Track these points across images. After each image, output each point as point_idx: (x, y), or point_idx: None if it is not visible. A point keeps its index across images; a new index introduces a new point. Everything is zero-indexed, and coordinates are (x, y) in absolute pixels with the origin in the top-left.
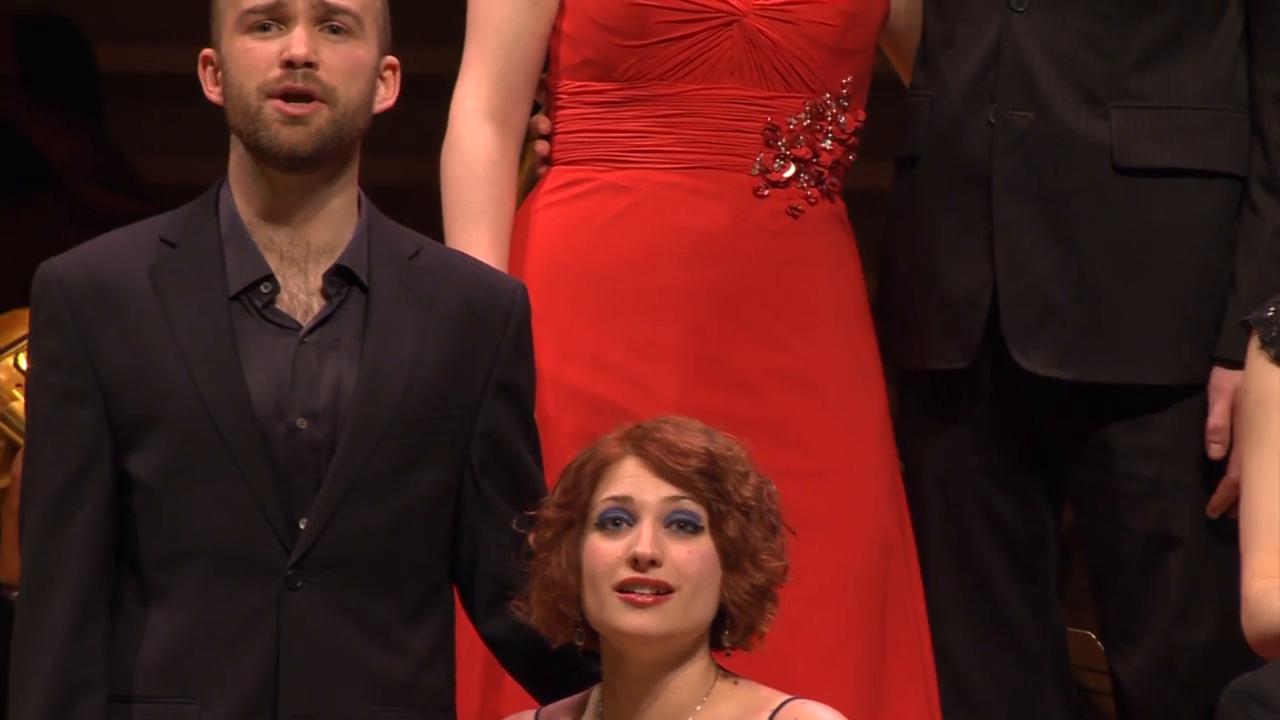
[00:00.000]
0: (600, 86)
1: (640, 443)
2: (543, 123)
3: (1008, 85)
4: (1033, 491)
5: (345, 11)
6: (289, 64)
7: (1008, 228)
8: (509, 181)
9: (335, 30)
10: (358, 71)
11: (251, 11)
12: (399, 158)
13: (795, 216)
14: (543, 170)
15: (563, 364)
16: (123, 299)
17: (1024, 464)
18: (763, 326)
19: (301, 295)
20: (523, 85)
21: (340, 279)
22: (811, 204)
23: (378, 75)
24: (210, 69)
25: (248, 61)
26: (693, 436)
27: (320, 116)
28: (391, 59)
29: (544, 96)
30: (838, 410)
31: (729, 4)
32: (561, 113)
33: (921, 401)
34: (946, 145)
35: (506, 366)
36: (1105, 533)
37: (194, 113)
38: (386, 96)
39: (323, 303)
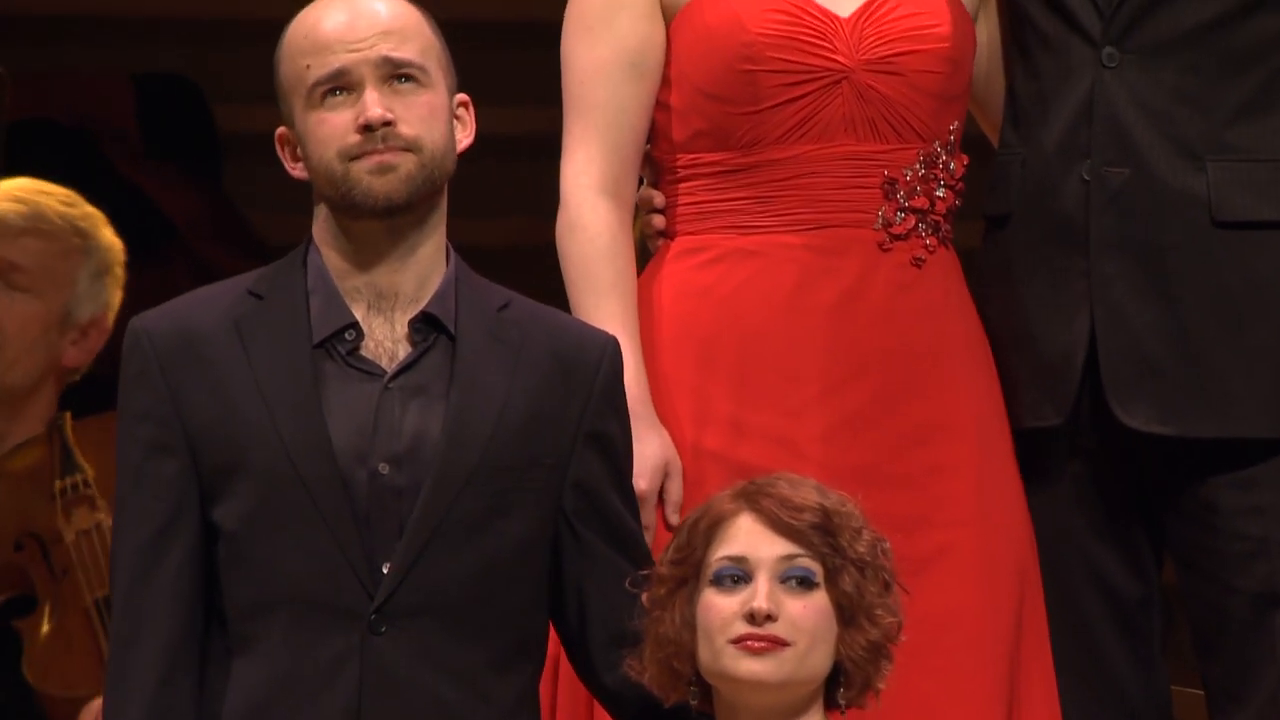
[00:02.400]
0: (715, 157)
1: (755, 499)
2: (656, 197)
3: (1102, 142)
4: (1137, 548)
5: (409, 64)
6: (367, 128)
7: (1106, 284)
8: (631, 253)
9: (404, 81)
10: (434, 117)
11: (318, 84)
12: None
13: (919, 267)
14: (659, 242)
15: (701, 429)
16: (209, 350)
17: (1127, 521)
18: (902, 379)
19: (387, 342)
20: (633, 158)
21: (427, 326)
22: (931, 253)
23: (453, 116)
24: (289, 148)
25: (324, 132)
26: (807, 492)
27: (409, 161)
28: (463, 95)
29: (648, 170)
30: (977, 459)
31: (836, 61)
32: (678, 186)
33: (1020, 461)
34: (1040, 203)
35: (597, 417)
36: (1211, 592)
37: None
38: (466, 135)
39: (408, 349)
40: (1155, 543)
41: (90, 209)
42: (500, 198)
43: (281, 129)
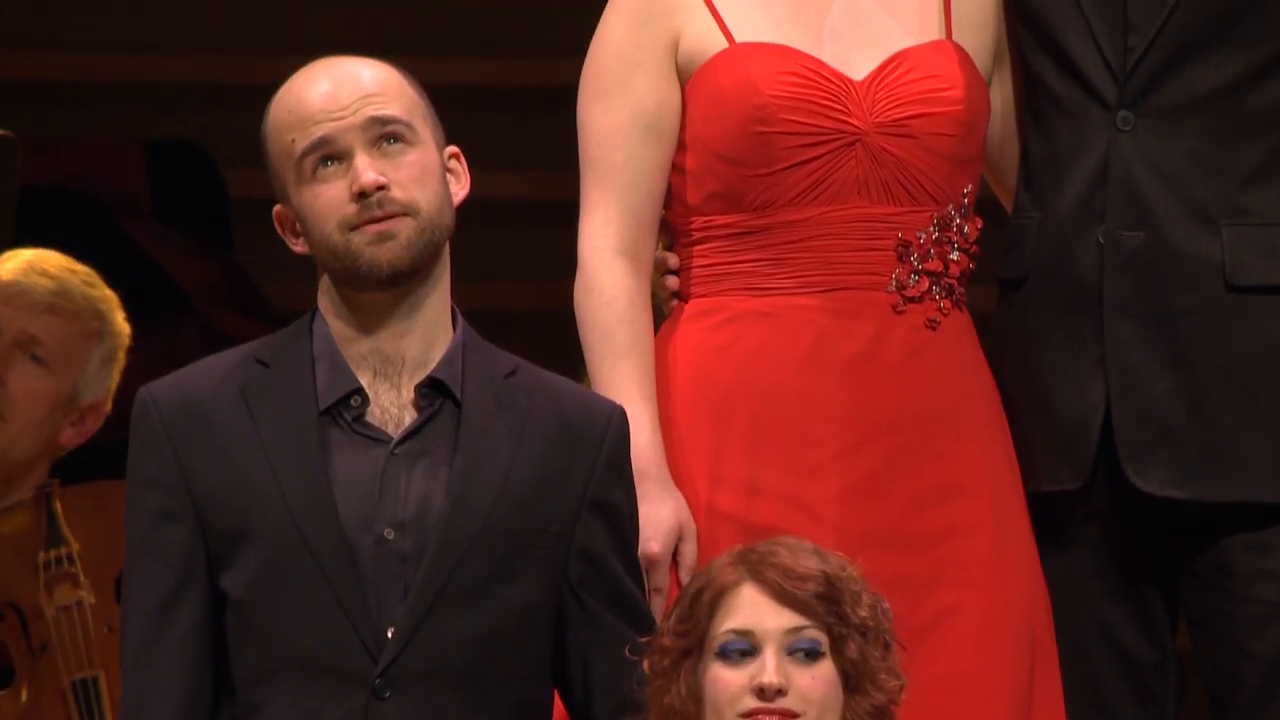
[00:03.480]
0: (729, 219)
1: (757, 568)
2: (670, 259)
3: (1116, 205)
4: (1151, 612)
5: (395, 121)
6: (361, 195)
7: (1121, 348)
8: (648, 316)
9: (392, 142)
10: (427, 175)
11: (306, 155)
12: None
13: (933, 329)
14: (673, 304)
15: (716, 490)
16: (215, 418)
17: (1142, 585)
18: (917, 441)
19: (393, 409)
20: (651, 221)
21: (433, 391)
22: (945, 315)
23: (445, 170)
24: (287, 225)
25: (320, 206)
26: (807, 559)
27: (407, 227)
28: (453, 148)
29: (663, 233)
30: (991, 522)
31: (850, 124)
32: (693, 248)
33: (1035, 524)
34: (1055, 267)
35: (602, 485)
36: (1226, 657)
37: None
38: (460, 187)
39: (414, 415)
40: (1169, 607)
41: (108, 291)
42: (507, 261)
43: (278, 207)
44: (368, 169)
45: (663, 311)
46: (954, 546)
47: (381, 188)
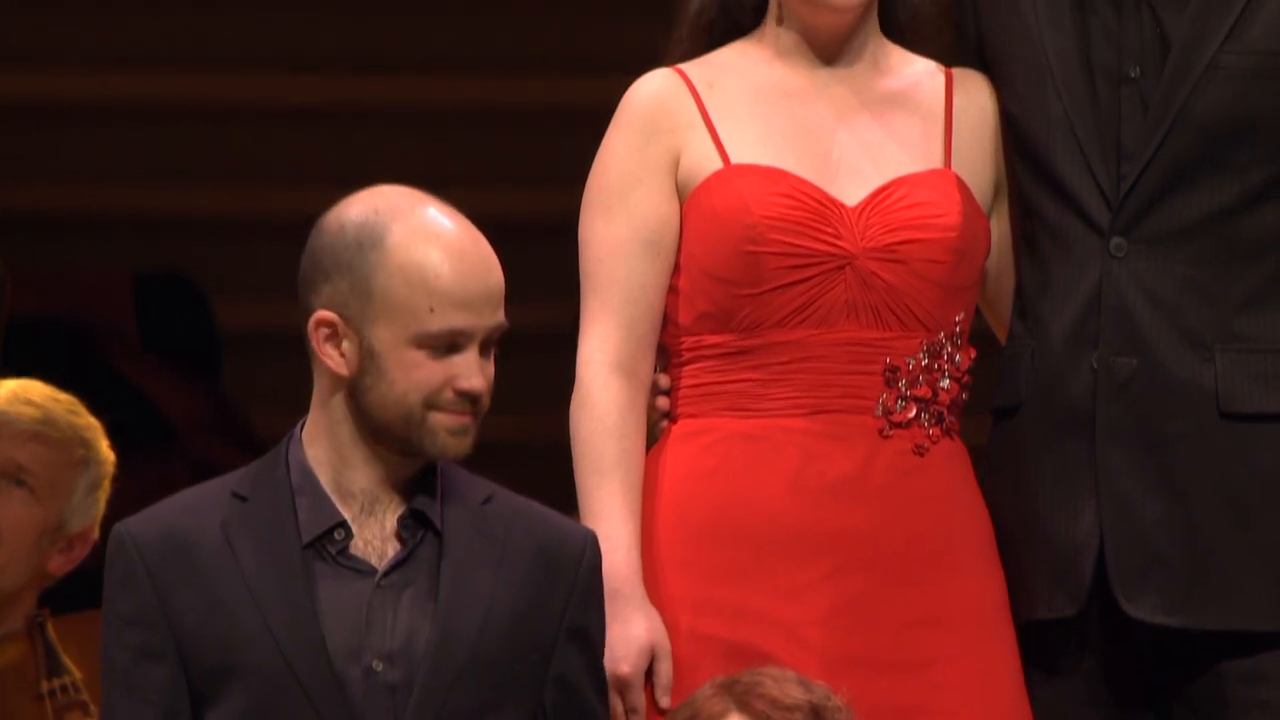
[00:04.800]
0: (718, 339)
1: (744, 698)
2: (662, 379)
3: (1110, 331)
4: None
5: (503, 328)
6: (468, 395)
7: (1113, 474)
8: (639, 434)
9: (494, 345)
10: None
11: (437, 333)
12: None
13: (921, 455)
14: (664, 425)
15: (700, 613)
16: (196, 554)
17: (1135, 713)
18: (899, 568)
19: (376, 541)
20: (649, 337)
21: (414, 523)
22: (935, 442)
23: None
24: (332, 336)
25: (418, 376)
26: (793, 689)
27: (476, 425)
28: None
29: (659, 354)
30: (975, 652)
31: (840, 247)
32: (683, 369)
33: (1030, 653)
34: (1049, 393)
35: (578, 612)
36: None
37: (309, 369)
38: None
39: (397, 546)
40: None
41: (92, 419)
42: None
43: (329, 314)
44: (479, 375)
45: (654, 433)
46: (940, 672)
47: (482, 394)
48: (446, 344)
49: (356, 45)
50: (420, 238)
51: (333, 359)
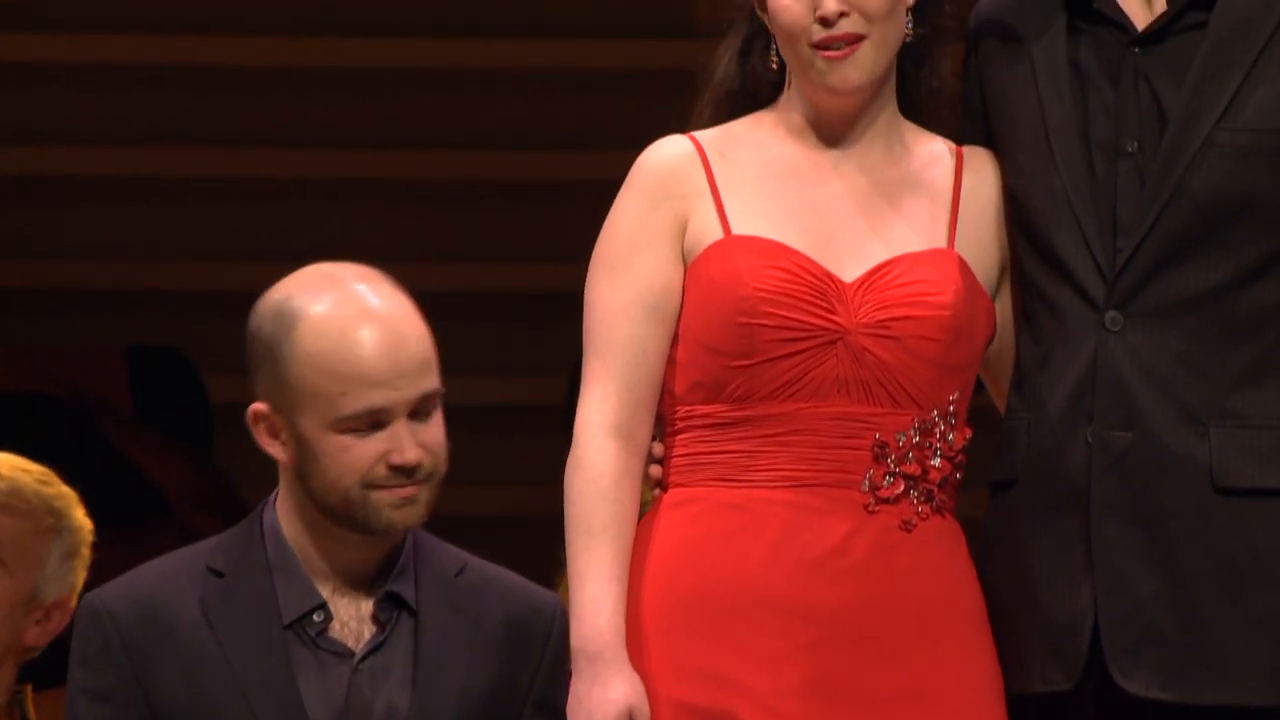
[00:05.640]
0: (710, 409)
1: None
2: (656, 448)
3: (1105, 406)
4: None
5: (436, 393)
6: (402, 469)
7: (1108, 548)
8: (632, 498)
9: (429, 410)
10: (443, 435)
11: (348, 418)
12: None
13: (908, 530)
14: (656, 493)
15: (677, 681)
16: (175, 631)
17: None
18: (882, 642)
19: (353, 622)
20: (648, 401)
21: (390, 604)
22: (923, 519)
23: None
24: (264, 424)
25: (348, 460)
26: None
27: (426, 491)
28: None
29: (656, 423)
30: None
31: (833, 321)
32: (675, 437)
33: None
34: (1045, 467)
35: (546, 684)
36: None
37: None
38: None
39: (374, 628)
40: None
41: (65, 488)
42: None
43: (262, 406)
44: (412, 447)
45: (646, 500)
46: None
47: (420, 463)
48: (369, 423)
49: (349, 121)
50: (326, 323)
51: (273, 449)
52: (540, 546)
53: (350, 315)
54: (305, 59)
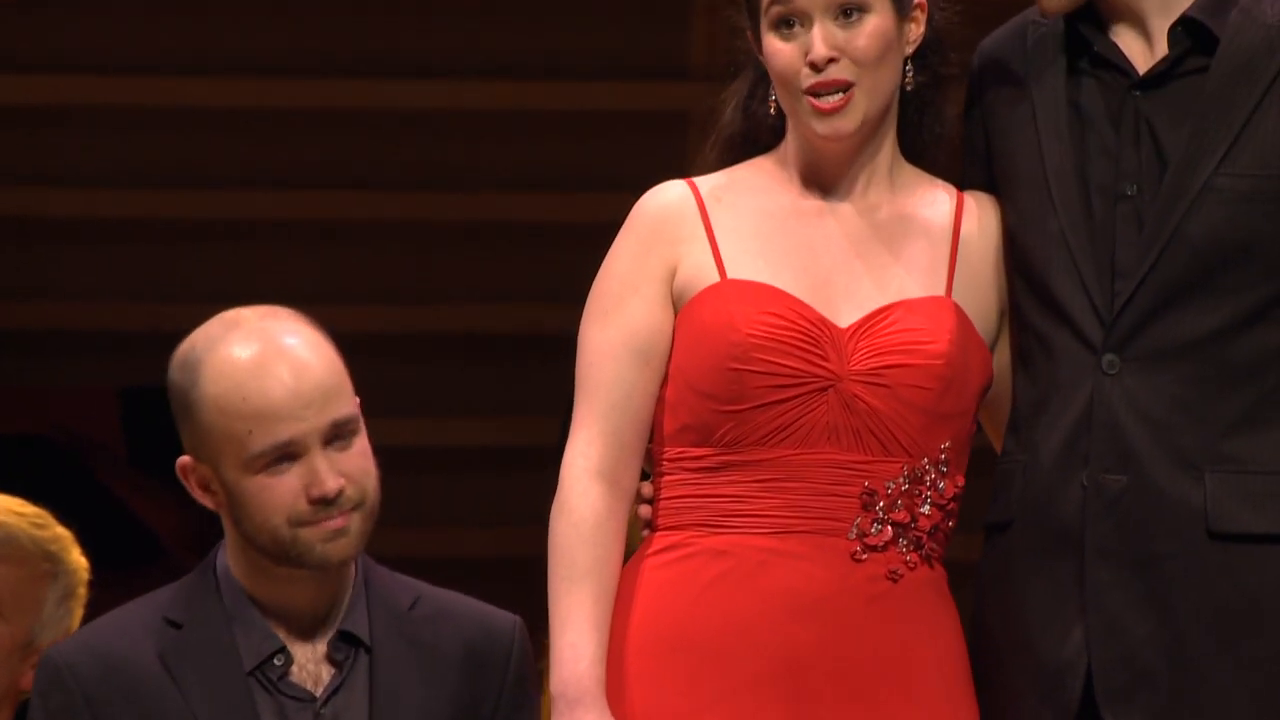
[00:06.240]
0: (699, 452)
1: None
2: (645, 488)
3: (1101, 449)
4: None
5: (352, 418)
6: (322, 500)
7: (1101, 591)
8: (616, 542)
9: (345, 437)
10: (367, 458)
11: (263, 453)
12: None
13: (894, 581)
14: (645, 534)
15: None
16: (137, 686)
17: None
18: (864, 692)
19: (310, 665)
20: (634, 445)
21: (344, 643)
22: (911, 569)
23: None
24: (197, 480)
25: (268, 499)
26: None
27: (356, 520)
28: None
29: (647, 463)
30: None
31: (825, 368)
32: (664, 479)
33: None
34: (1040, 510)
35: (510, 709)
36: None
37: None
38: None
39: (331, 671)
40: None
41: (60, 530)
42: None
43: (187, 459)
44: (329, 476)
45: (635, 541)
46: None
47: (340, 491)
48: (282, 457)
49: (343, 162)
50: (226, 365)
51: (206, 499)
52: (510, 588)
53: (249, 354)
54: (304, 101)
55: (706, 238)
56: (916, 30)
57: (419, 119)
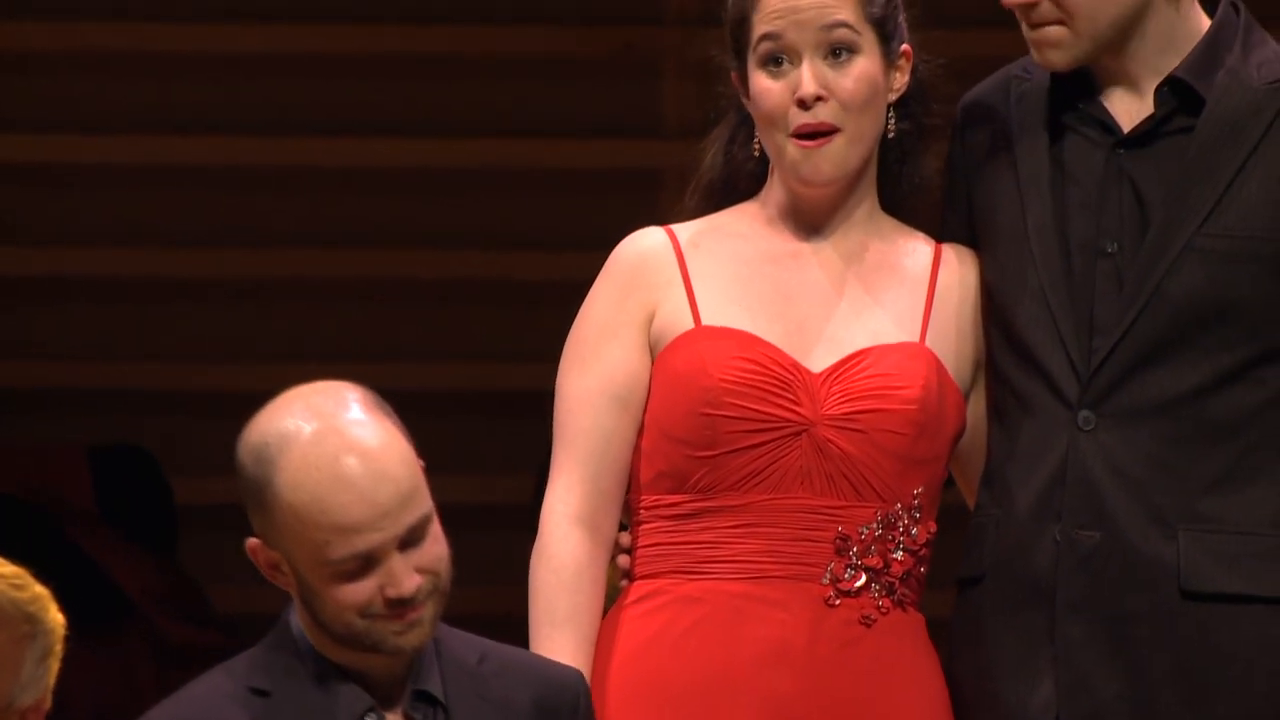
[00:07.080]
0: (674, 499)
1: None
2: (624, 538)
3: (1074, 504)
4: None
5: (425, 522)
6: (399, 601)
7: (1071, 647)
8: (596, 588)
9: (420, 537)
10: (442, 545)
11: (336, 564)
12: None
13: (868, 625)
14: (624, 584)
15: None
16: None
17: None
18: None
19: None
20: (613, 491)
21: (422, 702)
22: (883, 613)
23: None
24: (270, 564)
25: (345, 597)
26: None
27: (431, 607)
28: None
29: (625, 514)
30: None
31: (798, 413)
32: (641, 528)
33: None
34: (1012, 564)
35: None
36: None
37: None
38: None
39: None
40: None
41: (38, 589)
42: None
43: (257, 542)
44: (407, 577)
45: (614, 591)
46: None
47: (418, 589)
48: (360, 565)
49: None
50: (299, 476)
51: (277, 579)
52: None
53: (326, 460)
54: (279, 158)
55: (683, 284)
56: (901, 79)
57: (389, 177)
